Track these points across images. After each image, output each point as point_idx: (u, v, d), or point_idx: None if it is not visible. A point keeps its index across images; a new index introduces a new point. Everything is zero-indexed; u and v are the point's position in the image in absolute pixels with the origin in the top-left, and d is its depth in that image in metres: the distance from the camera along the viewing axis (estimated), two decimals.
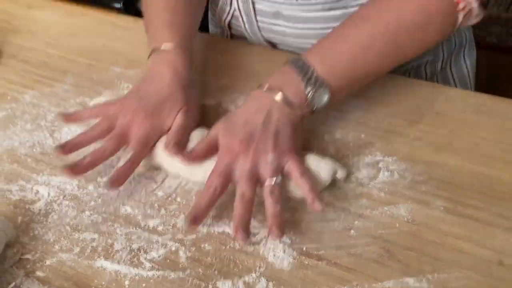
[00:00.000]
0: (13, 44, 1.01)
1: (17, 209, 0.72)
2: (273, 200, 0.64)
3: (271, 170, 0.65)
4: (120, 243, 0.67)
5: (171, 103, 0.74)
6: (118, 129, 0.73)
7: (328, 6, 0.84)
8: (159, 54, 0.78)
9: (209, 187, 0.65)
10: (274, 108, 0.68)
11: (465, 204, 0.65)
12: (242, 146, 0.66)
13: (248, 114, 0.69)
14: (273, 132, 0.67)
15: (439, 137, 0.72)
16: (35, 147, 0.80)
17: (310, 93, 0.68)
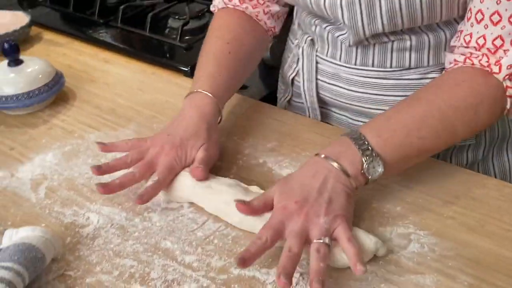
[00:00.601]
0: (88, 92, 1.11)
1: (67, 230, 0.78)
2: (318, 257, 0.66)
3: (321, 231, 0.68)
4: (156, 272, 0.71)
5: (194, 139, 0.84)
6: (148, 158, 0.83)
7: (383, 75, 0.91)
8: (193, 98, 0.88)
9: (261, 237, 0.68)
10: (330, 175, 0.72)
11: (490, 283, 0.66)
12: (296, 206, 0.70)
13: (305, 178, 0.73)
14: (327, 198, 0.71)
15: (472, 220, 0.75)
16: (92, 179, 0.87)
17: (365, 164, 0.72)
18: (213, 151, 0.85)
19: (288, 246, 0.67)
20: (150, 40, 1.29)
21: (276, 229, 0.69)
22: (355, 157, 0.73)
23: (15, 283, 0.64)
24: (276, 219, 0.70)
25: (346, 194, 0.72)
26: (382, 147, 0.74)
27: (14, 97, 1.02)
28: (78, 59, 1.24)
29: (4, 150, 0.96)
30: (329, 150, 0.75)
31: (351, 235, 0.68)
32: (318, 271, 0.65)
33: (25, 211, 0.82)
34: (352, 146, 0.74)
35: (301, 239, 0.68)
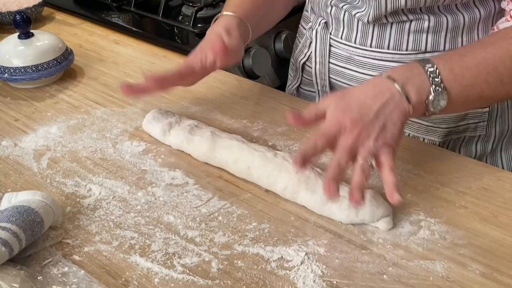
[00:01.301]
0: (96, 70, 1.10)
1: (68, 200, 0.76)
2: (362, 174, 0.67)
3: (369, 153, 0.68)
4: (157, 245, 0.69)
5: (213, 39, 0.87)
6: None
7: (398, 58, 0.90)
8: (217, 22, 0.91)
9: (314, 143, 0.68)
10: (393, 100, 0.70)
11: (502, 272, 0.64)
12: (351, 123, 0.68)
13: (365, 96, 0.71)
14: (382, 123, 0.69)
15: (484, 210, 0.73)
16: (96, 152, 0.86)
17: (432, 96, 0.70)
18: (234, 42, 0.87)
19: (337, 159, 0.67)
20: (162, 25, 1.28)
21: (328, 138, 0.69)
22: (423, 85, 0.71)
23: (11, 244, 0.62)
24: (329, 128, 0.69)
25: (401, 124, 0.70)
26: (452, 82, 0.71)
27: (22, 69, 1.00)
28: (89, 39, 1.23)
29: (9, 120, 0.94)
30: (398, 72, 0.72)
31: (394, 165, 0.68)
32: (361, 183, 0.66)
33: (26, 179, 0.80)
34: (423, 74, 0.71)
35: (350, 155, 0.68)
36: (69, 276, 0.64)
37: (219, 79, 1.04)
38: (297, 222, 0.72)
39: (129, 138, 0.88)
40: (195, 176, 0.80)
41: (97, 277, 0.64)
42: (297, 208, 0.74)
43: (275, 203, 0.75)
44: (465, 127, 0.93)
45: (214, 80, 1.03)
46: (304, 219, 0.72)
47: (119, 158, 0.84)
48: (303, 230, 0.71)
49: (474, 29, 0.87)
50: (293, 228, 0.71)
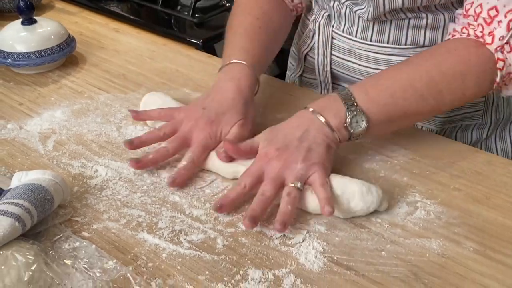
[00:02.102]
0: (98, 57, 1.11)
1: (75, 180, 0.79)
2: (288, 200, 0.70)
3: (295, 176, 0.72)
4: (164, 222, 0.71)
5: (230, 114, 0.82)
6: (181, 133, 0.81)
7: (397, 52, 0.92)
8: (229, 70, 0.86)
9: (240, 184, 0.73)
10: (313, 126, 0.75)
11: (494, 249, 0.67)
12: (277, 153, 0.73)
13: (289, 128, 0.76)
14: (306, 147, 0.74)
15: (478, 192, 0.76)
16: (101, 136, 0.88)
17: (348, 118, 0.75)
18: (248, 128, 0.83)
19: (262, 189, 0.71)
20: (161, 14, 1.30)
21: (255, 175, 0.73)
22: (339, 110, 0.75)
23: (24, 219, 0.64)
24: (256, 165, 0.74)
25: (326, 145, 0.75)
26: (367, 103, 0.76)
27: (25, 55, 1.02)
28: (89, 27, 1.25)
29: (13, 105, 0.96)
30: (316, 104, 0.78)
31: (325, 182, 0.71)
32: (284, 213, 0.69)
33: (33, 160, 0.82)
34: (338, 101, 0.76)
35: (276, 184, 0.72)
36: (80, 251, 0.66)
37: (218, 67, 1.05)
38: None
39: (133, 122, 0.90)
40: None
41: (107, 252, 0.66)
42: None
43: None
44: (462, 116, 0.97)
45: (214, 68, 1.05)
46: None
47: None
48: (304, 210, 0.73)
49: None
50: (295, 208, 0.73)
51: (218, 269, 0.65)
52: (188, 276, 0.64)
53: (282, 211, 0.69)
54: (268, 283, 0.63)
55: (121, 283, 0.62)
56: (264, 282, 0.63)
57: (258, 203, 0.70)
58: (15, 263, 0.59)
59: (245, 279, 0.63)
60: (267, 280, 0.63)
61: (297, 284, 0.63)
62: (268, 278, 0.63)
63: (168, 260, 0.66)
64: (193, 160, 0.78)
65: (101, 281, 0.62)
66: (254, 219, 0.68)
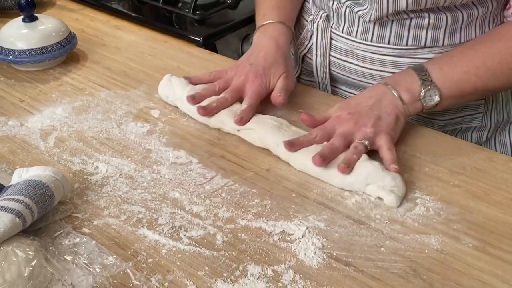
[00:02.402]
0: (99, 54, 1.12)
1: (76, 177, 0.79)
2: (354, 151, 0.76)
3: (364, 136, 0.78)
4: (164, 219, 0.71)
5: (275, 68, 0.91)
6: (235, 85, 0.90)
7: (398, 53, 0.92)
8: (265, 30, 0.96)
9: (312, 133, 0.80)
10: (385, 97, 0.81)
11: (494, 246, 0.67)
12: (348, 116, 0.80)
13: (361, 98, 0.83)
14: (377, 115, 0.80)
15: (478, 189, 0.76)
16: (102, 132, 0.88)
17: (422, 92, 0.80)
18: (292, 79, 0.93)
19: (331, 140, 0.78)
20: (162, 11, 1.30)
21: (326, 130, 0.79)
22: (413, 84, 0.81)
23: (25, 215, 0.64)
24: (329, 123, 0.81)
25: (395, 116, 0.80)
26: (441, 78, 0.81)
27: (26, 52, 1.02)
28: (90, 24, 1.25)
29: (14, 101, 0.96)
30: (391, 77, 0.84)
31: (392, 146, 0.78)
32: (349, 159, 0.75)
33: (34, 157, 0.83)
34: (413, 75, 0.81)
35: (344, 139, 0.78)
36: (81, 247, 0.66)
37: (219, 64, 1.06)
38: (298, 199, 0.74)
39: (133, 119, 0.91)
40: (199, 156, 0.83)
41: (107, 248, 0.66)
42: (298, 186, 0.77)
43: (277, 181, 0.78)
44: (461, 119, 0.97)
45: (215, 65, 1.06)
46: (305, 196, 0.75)
47: (124, 138, 0.87)
48: (304, 206, 0.73)
49: (472, 25, 0.90)
50: (294, 204, 0.74)
51: (218, 265, 0.65)
52: (187, 272, 0.64)
53: (348, 157, 0.75)
54: (267, 278, 0.63)
55: (121, 278, 0.63)
56: (263, 278, 0.63)
57: (327, 148, 0.77)
58: (16, 259, 0.59)
59: (244, 275, 0.63)
60: (266, 276, 0.63)
61: (296, 280, 0.63)
62: (267, 274, 0.63)
63: (168, 256, 0.66)
64: (251, 104, 0.87)
65: (101, 276, 0.62)
66: (324, 158, 0.75)
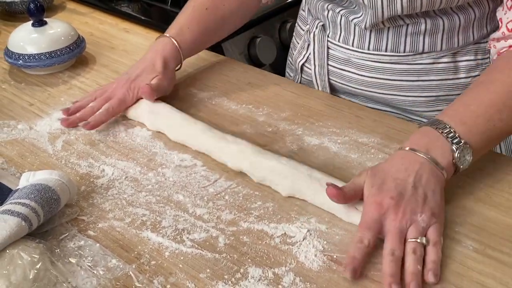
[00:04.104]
0: (107, 57, 1.13)
1: (82, 180, 0.80)
2: (415, 258, 0.64)
3: (418, 230, 0.66)
4: (167, 221, 0.72)
5: (147, 73, 0.94)
6: (105, 93, 0.93)
7: (396, 60, 0.92)
8: (157, 42, 0.98)
9: (362, 241, 0.66)
10: (423, 168, 0.70)
11: (494, 248, 0.67)
12: (392, 202, 0.67)
13: (397, 171, 0.70)
14: (422, 194, 0.68)
15: (480, 190, 0.76)
16: (109, 136, 0.89)
17: (456, 154, 0.71)
18: (165, 82, 0.94)
19: (390, 249, 0.65)
20: (171, 14, 1.31)
21: (374, 229, 0.67)
22: (445, 147, 0.71)
23: (31, 219, 0.66)
24: (372, 217, 0.67)
25: (440, 189, 0.70)
26: (468, 134, 0.72)
27: (36, 56, 1.04)
28: (99, 27, 1.27)
29: (24, 105, 0.98)
30: (415, 141, 0.73)
31: (439, 240, 0.67)
32: (416, 274, 0.63)
33: (42, 160, 0.84)
34: (440, 136, 0.72)
35: (401, 240, 0.66)
36: (85, 250, 0.68)
37: (226, 66, 1.07)
38: (300, 202, 0.75)
39: (139, 123, 0.92)
40: (203, 159, 0.84)
41: (111, 251, 0.68)
42: None
43: None
44: None
45: (221, 68, 1.07)
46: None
47: (131, 141, 0.88)
48: (306, 209, 0.74)
49: (469, 29, 0.89)
50: (296, 207, 0.74)
51: (219, 267, 0.66)
52: (189, 274, 0.65)
53: (413, 272, 0.63)
54: (268, 281, 0.64)
55: (124, 281, 0.64)
56: (263, 280, 0.64)
57: (394, 266, 0.64)
58: (21, 262, 0.60)
59: (245, 277, 0.64)
60: (267, 278, 0.64)
61: (296, 282, 0.63)
62: (267, 276, 0.64)
63: (170, 258, 0.67)
64: (108, 109, 0.90)
65: (105, 279, 0.64)
66: (399, 284, 0.62)
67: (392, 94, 0.96)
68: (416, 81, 0.93)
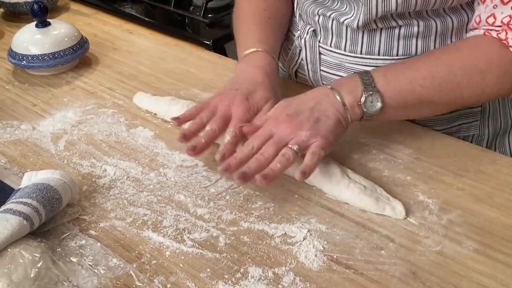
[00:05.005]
0: (111, 58, 1.14)
1: (84, 180, 0.81)
2: (280, 159, 0.72)
3: (296, 141, 0.74)
4: (168, 221, 0.73)
5: (262, 90, 0.85)
6: (220, 112, 0.83)
7: (388, 63, 0.90)
8: (252, 59, 0.90)
9: (248, 145, 0.75)
10: (326, 100, 0.78)
11: (495, 249, 0.67)
12: (287, 118, 0.76)
13: (303, 99, 0.79)
14: (316, 117, 0.76)
15: (481, 191, 0.76)
16: (111, 136, 0.90)
17: (363, 97, 0.77)
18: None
19: (262, 149, 0.74)
20: (174, 15, 1.32)
21: (263, 137, 0.76)
22: (356, 88, 0.78)
23: (32, 218, 0.66)
24: (265, 128, 0.77)
25: (336, 119, 0.77)
26: (384, 85, 0.78)
27: (39, 57, 1.05)
28: (103, 28, 1.27)
29: (27, 105, 0.99)
30: (337, 81, 0.81)
31: (318, 152, 0.73)
32: (271, 168, 0.71)
33: (44, 160, 0.85)
34: (357, 80, 0.78)
35: (277, 145, 0.74)
36: (86, 249, 0.68)
37: (228, 67, 1.08)
38: (301, 202, 0.75)
39: (142, 123, 0.92)
40: (204, 159, 0.84)
41: (112, 250, 0.68)
42: (301, 189, 0.78)
43: (280, 184, 0.78)
44: (458, 127, 0.95)
45: (224, 69, 1.07)
46: (308, 199, 0.76)
47: (133, 141, 0.88)
48: (306, 209, 0.74)
49: (463, 31, 0.89)
50: (297, 207, 0.75)
51: (220, 267, 0.66)
52: (190, 274, 0.65)
53: (271, 166, 0.72)
54: (268, 281, 0.64)
55: (125, 280, 0.64)
56: (263, 280, 0.64)
57: (254, 160, 0.73)
58: (22, 260, 0.61)
59: (245, 277, 0.65)
60: (267, 278, 0.64)
61: (296, 282, 0.64)
62: (267, 276, 0.65)
63: (171, 258, 0.67)
64: (236, 134, 0.81)
65: (105, 278, 0.64)
66: (246, 176, 0.71)
67: None
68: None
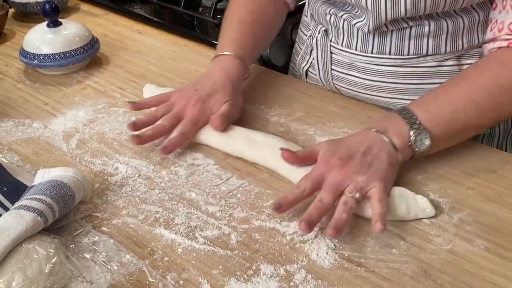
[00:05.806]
0: (121, 58, 1.15)
1: (96, 177, 0.81)
2: (343, 209, 0.69)
3: (355, 187, 0.71)
4: (180, 218, 0.73)
5: (220, 95, 0.88)
6: (175, 110, 0.87)
7: (400, 63, 0.92)
8: (220, 60, 0.93)
9: (299, 187, 0.72)
10: (377, 143, 0.75)
11: (506, 248, 0.67)
12: (339, 162, 0.73)
13: (352, 142, 0.76)
14: (369, 161, 0.73)
15: (491, 191, 0.76)
16: (122, 134, 0.90)
17: (412, 136, 0.75)
18: (236, 110, 0.89)
19: (320, 196, 0.71)
20: (183, 16, 1.33)
21: (315, 181, 0.72)
22: (402, 130, 0.76)
23: (46, 214, 0.66)
24: (317, 171, 0.73)
25: (388, 162, 0.74)
26: (430, 121, 0.76)
27: (50, 56, 1.06)
28: (113, 29, 1.28)
29: (39, 104, 1.00)
30: (377, 123, 0.78)
31: (382, 197, 0.70)
32: (339, 220, 0.68)
33: (56, 158, 0.85)
34: (400, 120, 0.77)
35: (334, 192, 0.71)
36: (99, 245, 0.68)
37: None
38: (312, 199, 0.75)
39: None
40: (215, 157, 0.85)
41: (125, 246, 0.69)
42: None
43: (291, 183, 0.79)
44: None
45: None
46: None
47: None
48: None
49: (474, 31, 0.89)
50: (308, 206, 0.75)
51: (231, 264, 0.66)
52: (202, 270, 0.66)
53: (337, 218, 0.68)
54: (280, 278, 0.64)
55: (138, 276, 0.65)
56: (275, 277, 0.64)
57: (315, 208, 0.69)
58: (37, 256, 0.61)
59: (257, 274, 0.65)
60: (279, 275, 0.65)
61: (308, 279, 0.64)
62: (279, 273, 0.65)
63: (183, 254, 0.68)
64: (182, 132, 0.84)
65: (119, 274, 0.65)
66: (310, 224, 0.67)
67: (397, 98, 0.96)
68: (420, 84, 0.93)
